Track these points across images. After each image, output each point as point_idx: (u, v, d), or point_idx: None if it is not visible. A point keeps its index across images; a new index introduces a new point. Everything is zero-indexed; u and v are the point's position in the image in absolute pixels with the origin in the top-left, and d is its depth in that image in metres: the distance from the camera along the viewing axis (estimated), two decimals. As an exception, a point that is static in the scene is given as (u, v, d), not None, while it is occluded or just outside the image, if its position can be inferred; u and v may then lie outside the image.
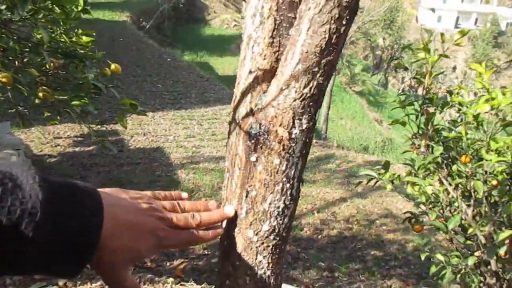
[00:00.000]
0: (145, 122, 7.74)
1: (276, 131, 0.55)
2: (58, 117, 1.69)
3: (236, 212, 0.63)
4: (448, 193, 1.94)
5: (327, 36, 0.52)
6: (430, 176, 2.04)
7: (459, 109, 1.94)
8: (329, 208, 5.58)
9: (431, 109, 2.05)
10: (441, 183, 1.94)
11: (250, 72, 0.60)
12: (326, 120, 13.13)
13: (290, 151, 0.59)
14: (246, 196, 0.60)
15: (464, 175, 1.74)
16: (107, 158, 6.02)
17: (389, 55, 32.03)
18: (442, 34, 1.95)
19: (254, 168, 0.58)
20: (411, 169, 2.12)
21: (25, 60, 1.56)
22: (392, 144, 14.68)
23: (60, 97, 1.52)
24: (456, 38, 1.94)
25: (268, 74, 0.58)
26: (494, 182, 1.71)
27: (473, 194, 1.78)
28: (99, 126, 2.08)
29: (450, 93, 2.02)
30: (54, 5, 1.46)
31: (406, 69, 2.20)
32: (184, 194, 0.66)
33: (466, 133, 1.69)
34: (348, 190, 6.26)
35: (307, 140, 0.61)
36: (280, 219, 0.60)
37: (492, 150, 1.70)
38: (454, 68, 28.99)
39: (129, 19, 16.42)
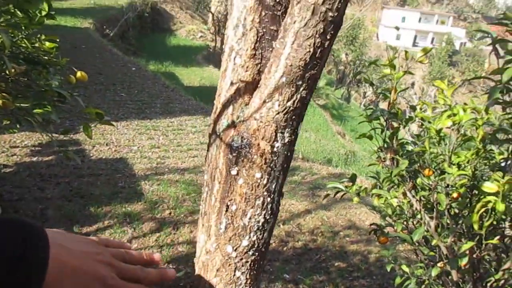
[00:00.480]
0: (108, 132, 7.55)
1: (258, 144, 0.54)
2: (18, 126, 1.61)
3: (214, 227, 0.61)
4: (412, 205, 2.00)
5: (311, 50, 0.52)
6: (394, 188, 2.09)
7: (422, 124, 2.00)
8: (294, 220, 5.61)
9: (396, 124, 2.11)
10: (405, 195, 1.99)
11: (232, 83, 0.59)
12: (290, 133, 13.21)
13: (272, 164, 0.58)
14: (226, 211, 0.58)
15: (427, 188, 1.80)
16: (67, 169, 5.80)
17: (352, 70, 32.95)
18: (406, 52, 2.02)
19: (234, 182, 0.57)
20: (377, 182, 2.16)
21: (-16, 65, 1.48)
22: (354, 157, 15.00)
23: (21, 105, 1.45)
24: (419, 55, 2.01)
25: (250, 86, 0.58)
26: (455, 195, 1.78)
27: (435, 206, 1.83)
28: (62, 136, 2.00)
29: (414, 108, 2.09)
30: (17, 9, 1.40)
31: (372, 84, 2.26)
32: (157, 256, 0.62)
33: (430, 148, 1.74)
34: (313, 202, 6.32)
35: (289, 154, 0.61)
36: (260, 234, 0.59)
37: (453, 164, 1.76)
38: (413, 84, 30.18)
39: (92, 26, 16.07)
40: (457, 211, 1.92)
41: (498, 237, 1.70)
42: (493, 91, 1.41)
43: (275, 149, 0.59)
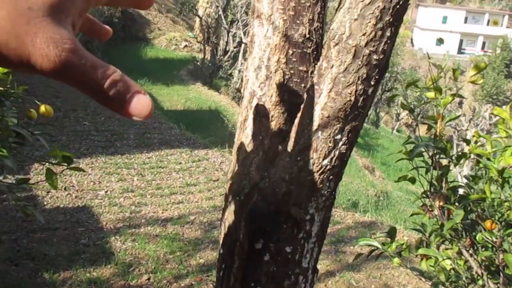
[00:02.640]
0: (67, 172, 7.59)
1: (289, 211, 0.57)
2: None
3: None
4: (470, 268, 2.01)
5: (352, 98, 0.56)
6: (446, 245, 2.11)
7: (479, 162, 2.04)
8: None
9: (444, 161, 2.15)
10: (461, 255, 2.01)
11: (254, 136, 0.63)
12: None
13: (305, 235, 0.61)
14: (251, 293, 0.61)
15: (490, 246, 1.81)
16: (13, 222, 5.81)
17: (381, 85, 33.28)
18: (455, 71, 2.08)
19: (259, 258, 0.59)
20: (422, 237, 2.19)
21: None
22: (388, 199, 14.96)
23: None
24: (471, 75, 2.08)
25: (276, 139, 0.61)
26: (527, 254, 1.79)
27: (502, 269, 1.84)
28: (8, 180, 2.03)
29: (467, 142, 2.14)
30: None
31: (411, 110, 2.32)
32: None
33: (491, 193, 1.77)
34: (337, 260, 6.29)
35: (326, 220, 0.64)
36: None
37: (522, 214, 1.79)
38: (460, 103, 30.40)
39: (46, 36, 16.40)
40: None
41: None
42: None
43: (308, 217, 0.62)
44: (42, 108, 1.67)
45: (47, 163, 1.64)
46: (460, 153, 2.09)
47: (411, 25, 58.34)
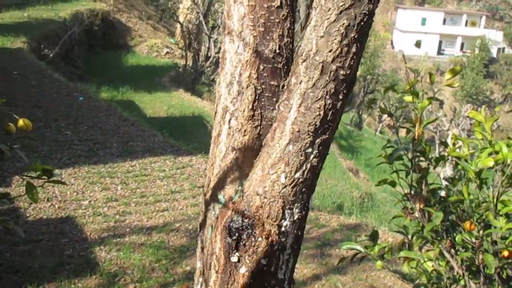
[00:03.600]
0: (50, 183, 7.52)
1: (263, 224, 0.58)
2: None
3: None
4: (452, 268, 2.03)
5: (322, 113, 0.57)
6: (427, 246, 2.14)
7: (457, 164, 2.07)
8: (299, 290, 5.58)
9: (424, 164, 2.18)
10: (443, 256, 2.03)
11: (227, 150, 0.64)
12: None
13: (280, 247, 0.62)
14: (227, 307, 0.61)
15: (470, 247, 1.84)
16: (-4, 235, 5.75)
17: (363, 87, 33.56)
18: (430, 75, 2.11)
19: (235, 271, 0.60)
20: (404, 239, 2.21)
21: None
22: (372, 201, 15.06)
23: None
24: (447, 78, 2.11)
25: (250, 153, 0.63)
26: (506, 254, 1.82)
27: (482, 269, 1.87)
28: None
29: (445, 144, 2.17)
30: None
31: (390, 114, 2.34)
32: None
33: (469, 194, 1.80)
34: (322, 264, 6.32)
35: (299, 232, 0.65)
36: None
37: (500, 215, 1.81)
38: (441, 103, 30.78)
39: (26, 45, 16.24)
40: (511, 273, 1.96)
41: None
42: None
43: (283, 229, 0.63)
44: (21, 122, 1.66)
45: (27, 177, 1.63)
46: (438, 156, 2.12)
47: (391, 27, 58.90)
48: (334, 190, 15.26)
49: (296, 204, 0.59)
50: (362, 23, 0.69)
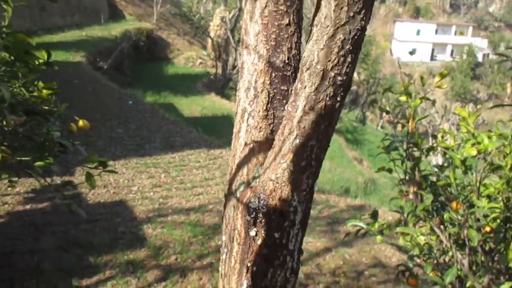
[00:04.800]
0: (105, 172, 7.63)
1: (276, 204, 0.60)
2: (17, 179, 1.68)
3: None
4: (441, 242, 2.01)
5: (323, 112, 0.58)
6: (420, 223, 2.11)
7: (445, 153, 2.04)
8: (313, 260, 5.57)
9: (417, 154, 2.15)
10: (433, 231, 2.01)
11: (246, 144, 0.65)
12: (303, 162, 13.24)
13: (290, 223, 0.63)
14: (246, 272, 0.63)
15: (456, 223, 1.82)
16: (63, 216, 5.85)
17: (366, 89, 33.19)
18: (422, 78, 2.08)
19: (254, 243, 0.62)
20: (401, 217, 2.19)
21: (-18, 119, 1.56)
22: (375, 185, 14.93)
23: (22, 158, 1.53)
24: (436, 81, 2.07)
25: (264, 146, 0.64)
26: (488, 229, 1.80)
27: (467, 243, 1.85)
28: (54, 181, 2.06)
29: (435, 137, 2.14)
30: (16, 61, 1.49)
31: (387, 112, 2.32)
32: None
33: (455, 179, 1.78)
34: (333, 238, 6.29)
35: (307, 210, 0.66)
36: (283, 294, 0.64)
37: (482, 196, 1.79)
38: (434, 102, 30.35)
39: (85, 59, 16.48)
40: (492, 246, 1.93)
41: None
42: (517, 119, 1.45)
43: (292, 208, 0.64)
44: (80, 122, 1.70)
45: (86, 167, 1.66)
46: (429, 147, 2.09)
47: (390, 37, 58.05)
48: (342, 177, 15.17)
49: (303, 187, 0.61)
50: (356, 37, 0.69)
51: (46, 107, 1.64)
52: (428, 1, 68.06)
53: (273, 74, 0.65)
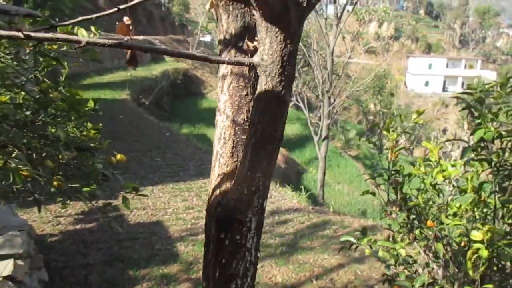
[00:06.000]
0: (145, 194, 7.92)
1: (236, 216, 0.79)
2: (69, 202, 1.93)
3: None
4: (420, 253, 2.15)
5: (264, 156, 0.79)
6: (402, 238, 2.25)
7: (423, 179, 2.20)
8: (327, 275, 5.62)
9: (400, 179, 2.31)
10: (411, 245, 2.15)
11: (218, 175, 0.86)
12: (322, 186, 13.31)
13: (247, 229, 0.83)
14: (219, 263, 0.83)
15: (428, 238, 1.96)
16: (107, 234, 6.14)
17: (382, 119, 33.01)
18: (400, 116, 2.26)
19: (223, 242, 0.81)
20: (389, 233, 2.34)
21: (44, 154, 1.84)
22: (390, 207, 14.74)
23: (73, 185, 1.78)
24: (413, 117, 2.25)
25: (230, 177, 0.84)
26: (462, 244, 1.93)
27: (441, 256, 1.98)
28: (100, 204, 2.30)
29: (413, 165, 2.30)
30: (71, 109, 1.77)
31: (375, 144, 2.49)
32: None
33: (425, 201, 1.93)
34: (346, 255, 6.31)
35: (259, 219, 0.86)
36: (244, 279, 0.83)
37: (450, 215, 1.93)
38: (445, 130, 29.88)
39: (129, 97, 17.17)
40: (461, 259, 2.05)
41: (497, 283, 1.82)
42: (465, 151, 1.62)
43: (247, 218, 0.84)
44: (118, 156, 1.95)
45: (123, 193, 1.90)
46: (408, 173, 2.24)
47: (404, 71, 57.76)
48: (359, 200, 15.08)
49: (255, 205, 0.79)
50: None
51: (93, 144, 1.90)
52: (439, 37, 67.67)
53: (236, 128, 0.85)
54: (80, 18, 1.25)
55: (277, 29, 0.81)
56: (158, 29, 35.87)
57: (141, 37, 26.50)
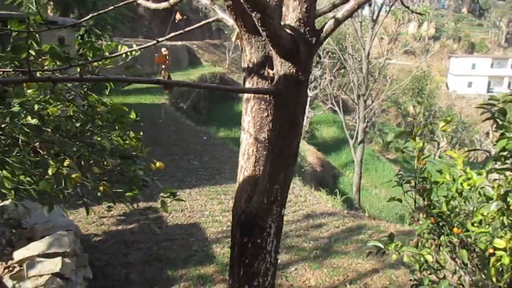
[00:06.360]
0: (182, 199, 8.16)
1: (258, 222, 0.90)
2: (113, 205, 2.12)
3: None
4: (446, 261, 2.18)
5: (284, 165, 0.89)
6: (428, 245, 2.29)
7: (449, 187, 2.23)
8: (361, 280, 5.62)
9: (428, 186, 2.35)
10: (439, 251, 2.18)
11: (242, 187, 0.98)
12: (358, 190, 13.18)
13: (266, 233, 0.94)
14: (242, 263, 0.94)
15: (452, 245, 2.00)
16: (147, 235, 6.39)
17: (421, 121, 32.17)
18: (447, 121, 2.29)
19: (246, 245, 0.93)
20: (418, 239, 2.38)
21: (91, 161, 2.03)
22: (429, 212, 14.38)
23: (116, 190, 1.96)
24: (441, 126, 2.28)
25: (253, 188, 0.96)
26: (491, 250, 1.96)
27: (465, 262, 2.02)
28: (139, 206, 2.48)
29: (440, 172, 2.34)
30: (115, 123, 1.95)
31: (402, 151, 2.55)
32: None
33: (449, 208, 1.97)
34: (381, 260, 6.27)
35: (278, 225, 0.97)
36: (265, 277, 0.94)
37: (475, 222, 1.97)
38: (487, 133, 28.71)
39: (168, 101, 17.64)
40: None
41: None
42: (488, 161, 1.67)
43: (267, 224, 0.96)
44: (157, 164, 2.12)
45: (162, 197, 2.06)
46: (435, 180, 2.28)
47: (445, 72, 55.93)
48: (397, 204, 14.80)
49: (274, 213, 0.90)
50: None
51: (134, 152, 2.07)
52: (483, 36, 65.07)
53: (258, 145, 0.96)
54: (124, 51, 1.41)
55: (290, 64, 0.92)
56: (196, 34, 36.62)
57: (179, 43, 27.15)
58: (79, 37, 13.05)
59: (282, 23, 0.95)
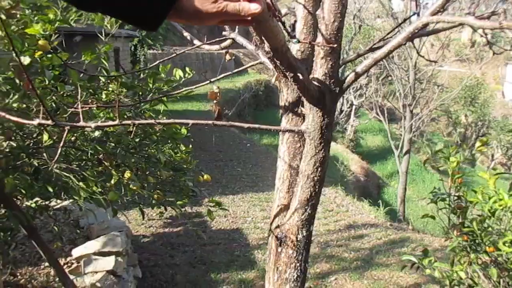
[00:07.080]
0: (226, 205, 8.43)
1: (290, 236, 1.08)
2: (165, 211, 2.36)
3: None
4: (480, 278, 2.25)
5: (312, 190, 1.06)
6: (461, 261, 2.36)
7: (482, 206, 2.30)
8: (402, 293, 5.61)
9: (463, 204, 2.43)
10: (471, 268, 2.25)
11: (278, 206, 1.15)
12: (403, 202, 12.94)
13: (297, 246, 1.11)
14: (276, 270, 1.11)
15: (483, 263, 2.07)
16: (192, 238, 6.68)
17: (474, 132, 30.91)
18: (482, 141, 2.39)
19: (280, 255, 1.10)
20: (453, 256, 2.47)
21: (147, 172, 2.28)
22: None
23: (169, 199, 2.20)
24: (478, 145, 2.36)
25: (286, 207, 1.13)
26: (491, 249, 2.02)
27: (500, 281, 2.08)
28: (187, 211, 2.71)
29: (475, 191, 2.41)
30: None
31: (429, 162, 2.62)
32: None
33: (479, 228, 2.05)
34: (423, 275, 6.21)
35: (307, 240, 1.14)
36: (296, 284, 1.11)
37: (506, 242, 2.03)
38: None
39: (213, 108, 18.10)
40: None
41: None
42: (515, 183, 1.76)
43: (298, 238, 1.13)
44: (205, 176, 2.34)
45: (208, 206, 2.28)
46: (470, 200, 2.35)
47: (501, 80, 53.26)
48: (444, 218, 14.36)
49: (304, 228, 1.06)
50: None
51: (185, 166, 2.31)
52: (544, 41, 61.42)
53: (292, 171, 1.13)
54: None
55: (317, 108, 1.10)
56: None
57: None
58: (133, 47, 13.75)
59: (311, 76, 1.12)
